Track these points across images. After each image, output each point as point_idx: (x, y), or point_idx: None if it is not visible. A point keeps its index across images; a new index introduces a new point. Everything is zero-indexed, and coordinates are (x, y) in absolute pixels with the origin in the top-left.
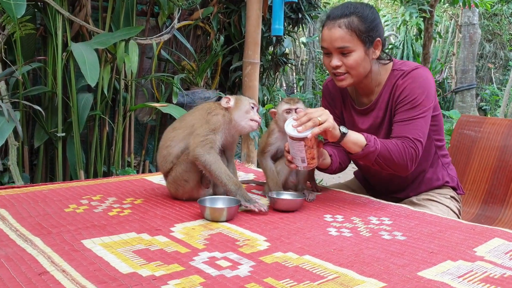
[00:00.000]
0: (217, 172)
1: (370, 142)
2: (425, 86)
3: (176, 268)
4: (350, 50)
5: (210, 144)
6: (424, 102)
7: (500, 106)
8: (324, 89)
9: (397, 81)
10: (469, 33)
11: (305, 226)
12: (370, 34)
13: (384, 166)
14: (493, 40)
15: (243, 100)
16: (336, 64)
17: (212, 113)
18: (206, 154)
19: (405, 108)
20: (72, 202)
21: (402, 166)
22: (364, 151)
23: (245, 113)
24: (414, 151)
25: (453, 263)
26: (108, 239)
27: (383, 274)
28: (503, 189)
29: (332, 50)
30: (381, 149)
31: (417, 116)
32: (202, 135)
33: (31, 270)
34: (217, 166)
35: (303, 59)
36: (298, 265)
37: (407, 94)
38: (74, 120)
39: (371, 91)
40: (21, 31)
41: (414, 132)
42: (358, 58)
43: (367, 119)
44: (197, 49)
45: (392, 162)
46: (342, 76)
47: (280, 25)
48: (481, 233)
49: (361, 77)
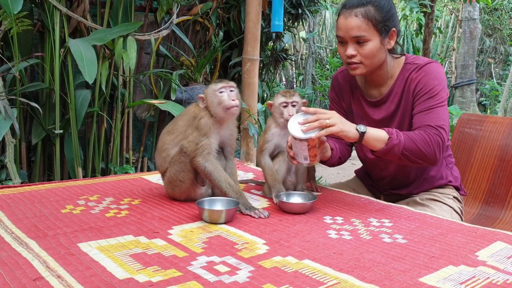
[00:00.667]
0: (217, 181)
1: (393, 135)
2: (440, 78)
3: (174, 273)
4: (366, 39)
5: (206, 150)
6: (441, 92)
7: (499, 101)
8: (333, 80)
9: (410, 74)
10: (470, 28)
11: (304, 229)
12: (386, 23)
13: (412, 158)
14: (493, 34)
15: (210, 93)
16: (351, 53)
17: (197, 118)
18: (205, 162)
19: (424, 98)
20: (69, 202)
21: (430, 155)
22: (388, 146)
23: (218, 105)
24: (440, 138)
25: (455, 268)
26: (105, 242)
27: (384, 280)
28: (504, 189)
29: (348, 39)
30: (405, 140)
31: (436, 105)
32: (196, 142)
33: (26, 275)
34: (217, 174)
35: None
36: (297, 270)
37: (423, 85)
38: (72, 116)
39: (383, 83)
40: (18, 27)
41: (436, 120)
42: (373, 48)
43: (378, 111)
44: (196, 45)
45: (419, 152)
46: (355, 65)
47: (280, 21)
48: (483, 236)
49: (375, 67)
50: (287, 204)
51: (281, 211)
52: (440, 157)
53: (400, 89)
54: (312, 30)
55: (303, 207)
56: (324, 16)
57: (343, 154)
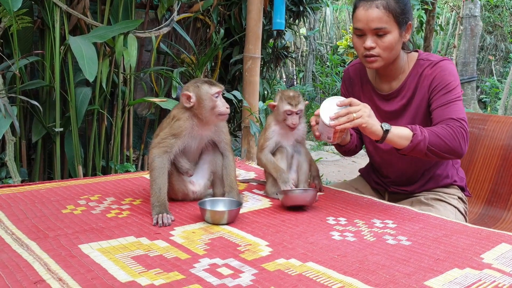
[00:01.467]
0: (152, 179)
1: (417, 131)
2: (455, 75)
3: (176, 276)
4: (386, 31)
5: (166, 148)
6: (457, 88)
7: (500, 99)
8: (344, 74)
9: (424, 70)
10: (471, 25)
11: (307, 230)
12: (405, 16)
13: (438, 153)
14: (494, 32)
15: (205, 97)
16: (370, 45)
17: (175, 119)
18: (157, 157)
19: (441, 93)
20: (69, 202)
21: (456, 147)
22: (413, 143)
23: (211, 110)
24: (463, 129)
25: (460, 271)
26: (106, 243)
27: (389, 284)
28: (507, 189)
29: (368, 31)
30: (430, 136)
31: (454, 99)
32: (162, 137)
33: (27, 278)
34: (157, 173)
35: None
36: (301, 273)
37: (440, 81)
38: (72, 114)
39: (395, 78)
40: (18, 24)
41: (457, 113)
42: (393, 40)
43: (389, 105)
44: (196, 42)
45: (445, 146)
46: (373, 58)
47: (281, 19)
48: (487, 237)
49: (391, 60)
50: (290, 196)
51: (283, 211)
52: (465, 148)
53: (413, 85)
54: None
55: (306, 196)
56: (324, 13)
57: (359, 143)
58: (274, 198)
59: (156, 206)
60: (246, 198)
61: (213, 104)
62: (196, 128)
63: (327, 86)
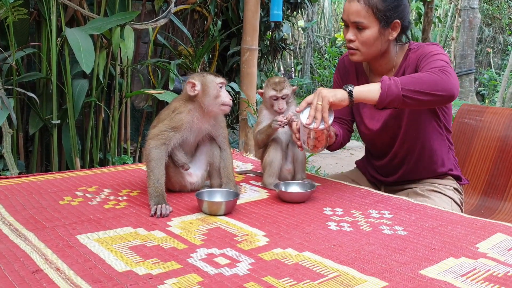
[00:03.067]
0: (149, 171)
1: (385, 78)
2: (439, 49)
3: (173, 266)
4: (364, 26)
5: (164, 140)
6: (440, 55)
7: (498, 91)
8: (339, 62)
9: (410, 56)
10: (469, 17)
11: (304, 220)
12: (388, 14)
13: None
14: (493, 24)
15: (210, 85)
16: (349, 38)
17: (176, 112)
18: (154, 148)
19: (425, 62)
20: (67, 194)
21: (442, 84)
22: (383, 89)
23: (215, 99)
24: (446, 72)
25: (455, 261)
26: (103, 234)
27: (384, 273)
28: (503, 180)
29: (349, 23)
30: (402, 78)
31: (437, 59)
32: (161, 129)
33: (24, 268)
34: (154, 165)
35: (301, 42)
36: (297, 262)
37: (421, 53)
38: (69, 107)
39: (386, 72)
40: (14, 16)
41: (439, 63)
42: (371, 36)
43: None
44: (194, 34)
45: (427, 84)
46: (353, 51)
47: (279, 10)
48: (483, 227)
49: (372, 55)
50: (287, 194)
51: (280, 202)
52: (454, 84)
53: (401, 75)
54: (311, 20)
55: (303, 196)
56: (322, 5)
57: (345, 139)
58: (271, 189)
59: (154, 196)
60: (243, 190)
61: (217, 93)
62: (196, 121)
63: (325, 78)
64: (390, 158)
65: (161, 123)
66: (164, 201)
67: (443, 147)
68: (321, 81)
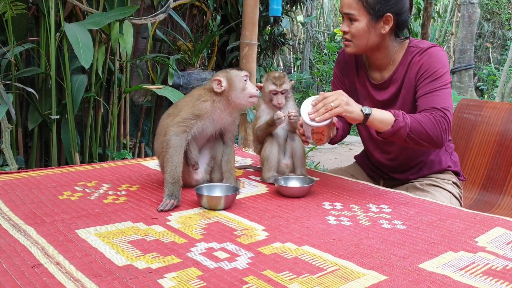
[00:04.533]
0: (167, 158)
1: (399, 117)
2: (444, 62)
3: (173, 260)
4: (354, 18)
5: (185, 127)
6: (445, 75)
7: (497, 86)
8: (339, 56)
9: (413, 58)
10: (468, 12)
11: (303, 215)
12: (377, 7)
13: (417, 141)
14: (492, 19)
15: (235, 78)
16: (343, 29)
17: (200, 99)
18: (174, 135)
19: (427, 81)
20: (66, 188)
21: (436, 137)
22: (394, 128)
23: (242, 91)
24: (445, 120)
25: (454, 254)
26: (103, 228)
27: (383, 266)
28: (502, 175)
29: (343, 14)
30: (412, 123)
31: (440, 87)
32: (183, 117)
33: (24, 262)
34: (173, 152)
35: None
36: (297, 256)
37: (427, 68)
38: (69, 102)
39: (384, 67)
40: (12, 11)
41: (441, 102)
42: (360, 28)
43: (381, 94)
44: (193, 29)
45: (426, 134)
46: (347, 42)
47: (278, 5)
48: (482, 222)
49: (364, 48)
50: (286, 188)
51: (280, 197)
52: (446, 139)
53: (402, 73)
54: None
55: (302, 190)
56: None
57: (345, 132)
58: (270, 184)
59: (170, 183)
60: (243, 184)
61: (244, 86)
62: (219, 112)
63: (325, 73)
64: (387, 157)
65: (183, 110)
66: (178, 190)
67: (439, 150)
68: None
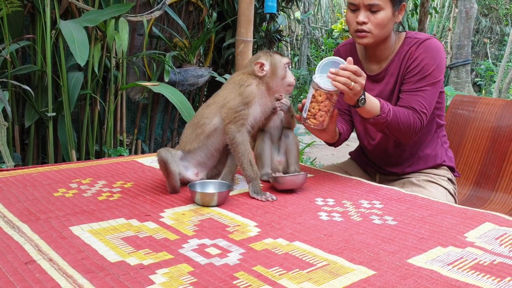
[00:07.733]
0: (241, 155)
1: (384, 113)
2: (437, 57)
3: (165, 256)
4: (380, 7)
5: (242, 120)
6: (434, 73)
7: (495, 82)
8: (335, 53)
9: (410, 48)
10: (466, 7)
11: (296, 211)
12: None
13: (389, 134)
14: (489, 14)
15: (278, 65)
16: (363, 20)
17: (245, 85)
18: (237, 132)
19: (415, 78)
20: (61, 185)
21: (406, 136)
22: (376, 120)
23: (282, 79)
24: (420, 122)
25: (443, 250)
26: (96, 225)
27: (372, 262)
28: (495, 170)
29: (362, 5)
30: (392, 120)
31: (425, 86)
32: (235, 110)
33: (18, 259)
34: (243, 148)
35: (298, 34)
36: (288, 252)
37: (418, 63)
38: (65, 99)
39: (384, 58)
40: (7, 8)
41: (421, 104)
42: (385, 17)
43: (377, 86)
44: (189, 26)
45: (399, 132)
46: (364, 33)
47: (273, 2)
48: (472, 217)
49: (382, 38)
50: (280, 179)
51: (274, 193)
52: (414, 138)
53: (398, 63)
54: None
55: (294, 181)
56: None
57: (348, 134)
58: (264, 180)
59: (253, 179)
60: (236, 181)
61: (285, 73)
62: (265, 95)
63: None
64: (384, 158)
65: (230, 101)
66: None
67: (436, 145)
68: None
